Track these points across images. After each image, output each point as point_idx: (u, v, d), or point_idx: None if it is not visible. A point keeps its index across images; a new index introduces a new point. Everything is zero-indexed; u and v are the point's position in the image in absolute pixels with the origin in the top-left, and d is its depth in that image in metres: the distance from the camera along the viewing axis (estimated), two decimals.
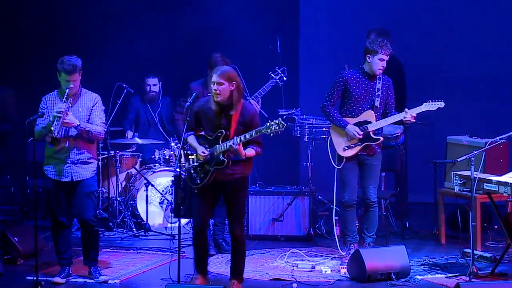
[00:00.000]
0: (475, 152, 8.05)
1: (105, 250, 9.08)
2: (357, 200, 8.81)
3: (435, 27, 11.83)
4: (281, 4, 11.91)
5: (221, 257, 8.84)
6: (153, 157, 10.65)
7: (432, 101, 8.56)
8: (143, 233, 10.01)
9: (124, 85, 10.39)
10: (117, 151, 10.51)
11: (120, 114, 10.73)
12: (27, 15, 11.75)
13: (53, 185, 7.97)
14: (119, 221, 10.28)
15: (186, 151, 7.66)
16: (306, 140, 10.04)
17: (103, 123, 8.02)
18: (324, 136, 9.66)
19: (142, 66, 11.43)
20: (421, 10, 11.90)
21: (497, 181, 7.90)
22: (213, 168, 7.45)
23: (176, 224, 7.81)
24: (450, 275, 8.13)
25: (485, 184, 7.97)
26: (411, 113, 8.52)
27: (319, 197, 10.28)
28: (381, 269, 8.00)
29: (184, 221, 9.84)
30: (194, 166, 7.53)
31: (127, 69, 11.27)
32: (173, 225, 9.96)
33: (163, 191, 10.34)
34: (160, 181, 10.36)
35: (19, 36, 11.70)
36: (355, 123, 8.60)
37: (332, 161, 8.72)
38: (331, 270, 8.38)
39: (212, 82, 7.41)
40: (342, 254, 8.78)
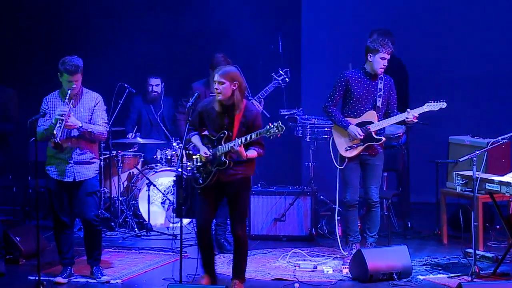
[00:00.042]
0: (477, 152, 8.04)
1: (107, 250, 9.06)
2: (359, 200, 8.80)
3: (436, 27, 11.83)
4: (282, 4, 11.90)
5: (223, 257, 8.83)
6: (155, 157, 10.65)
7: (434, 101, 8.55)
8: (145, 233, 10.01)
9: (126, 85, 10.40)
10: (119, 151, 10.50)
11: (122, 114, 10.73)
12: (27, 15, 11.74)
13: (55, 185, 7.95)
14: (121, 221, 10.28)
15: (189, 151, 7.67)
16: (308, 140, 10.03)
17: (105, 122, 8.01)
18: (326, 136, 9.65)
19: (144, 66, 11.43)
20: (423, 10, 11.90)
21: (499, 181, 7.91)
22: (215, 168, 7.46)
23: (178, 224, 7.81)
24: (452, 275, 8.12)
25: (487, 184, 7.97)
26: (413, 114, 8.51)
27: (321, 197, 10.27)
28: (383, 269, 7.99)
29: (186, 221, 9.84)
30: (197, 166, 7.54)
31: (129, 69, 11.28)
32: (175, 225, 9.97)
33: (165, 191, 10.33)
34: (162, 181, 10.36)
35: (19, 36, 11.69)
36: (357, 124, 8.59)
37: (334, 161, 8.71)
38: (333, 270, 8.38)
39: (214, 81, 7.45)
40: (344, 254, 8.77)
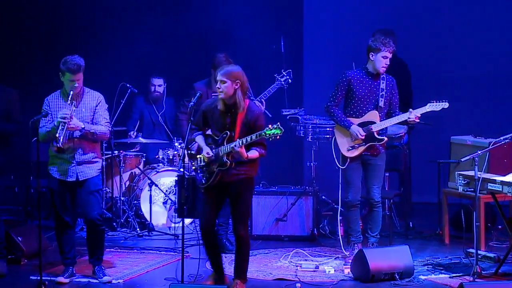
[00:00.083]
0: (479, 152, 8.04)
1: (108, 250, 9.05)
2: (361, 200, 8.80)
3: (436, 27, 11.83)
4: (285, 4, 11.90)
5: (225, 257, 8.80)
6: (156, 157, 10.65)
7: (436, 101, 8.54)
8: (146, 233, 10.01)
9: (128, 85, 10.40)
10: (121, 151, 10.50)
11: (124, 114, 10.73)
12: (28, 15, 11.74)
13: (58, 185, 7.94)
14: (122, 221, 10.28)
15: (191, 151, 7.67)
16: (309, 140, 10.02)
17: (107, 122, 8.00)
18: (328, 136, 9.65)
19: (145, 66, 11.43)
20: (423, 11, 11.89)
21: (501, 181, 7.91)
22: (217, 169, 7.46)
23: (180, 224, 7.81)
24: (454, 275, 8.12)
25: (489, 184, 7.97)
26: (415, 114, 8.51)
27: (323, 197, 10.27)
28: (385, 269, 7.98)
29: (188, 221, 9.84)
30: (201, 165, 7.55)
31: (131, 69, 11.27)
32: (176, 225, 9.97)
33: (166, 191, 10.33)
34: (164, 181, 10.35)
35: (19, 36, 11.69)
36: (359, 124, 8.58)
37: (336, 161, 8.71)
38: (335, 270, 8.38)
39: (216, 80, 7.45)
40: (346, 254, 8.77)
